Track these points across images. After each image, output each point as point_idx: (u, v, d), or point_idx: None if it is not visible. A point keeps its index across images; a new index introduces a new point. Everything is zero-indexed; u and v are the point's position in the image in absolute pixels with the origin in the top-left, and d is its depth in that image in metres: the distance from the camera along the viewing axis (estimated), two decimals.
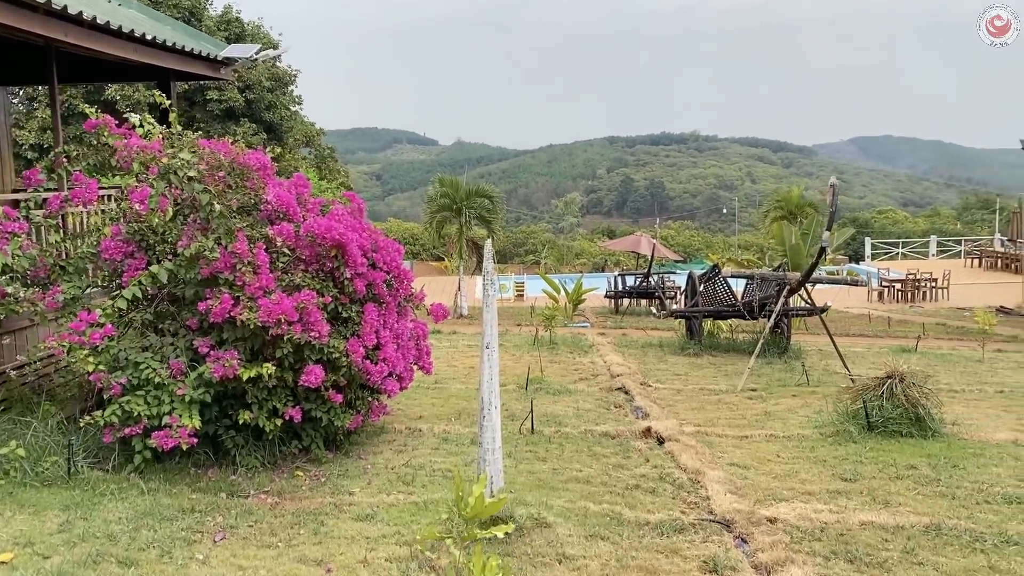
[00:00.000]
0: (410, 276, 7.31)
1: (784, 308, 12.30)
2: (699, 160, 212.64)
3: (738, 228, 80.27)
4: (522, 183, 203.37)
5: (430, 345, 8.19)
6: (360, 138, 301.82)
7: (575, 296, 19.82)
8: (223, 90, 34.48)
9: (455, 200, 20.38)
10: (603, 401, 9.61)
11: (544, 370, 11.59)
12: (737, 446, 7.60)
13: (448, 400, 9.50)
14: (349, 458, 6.92)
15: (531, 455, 7.13)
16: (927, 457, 7.16)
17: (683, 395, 10.09)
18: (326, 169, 50.27)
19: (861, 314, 21.89)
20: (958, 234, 49.91)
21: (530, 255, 64.07)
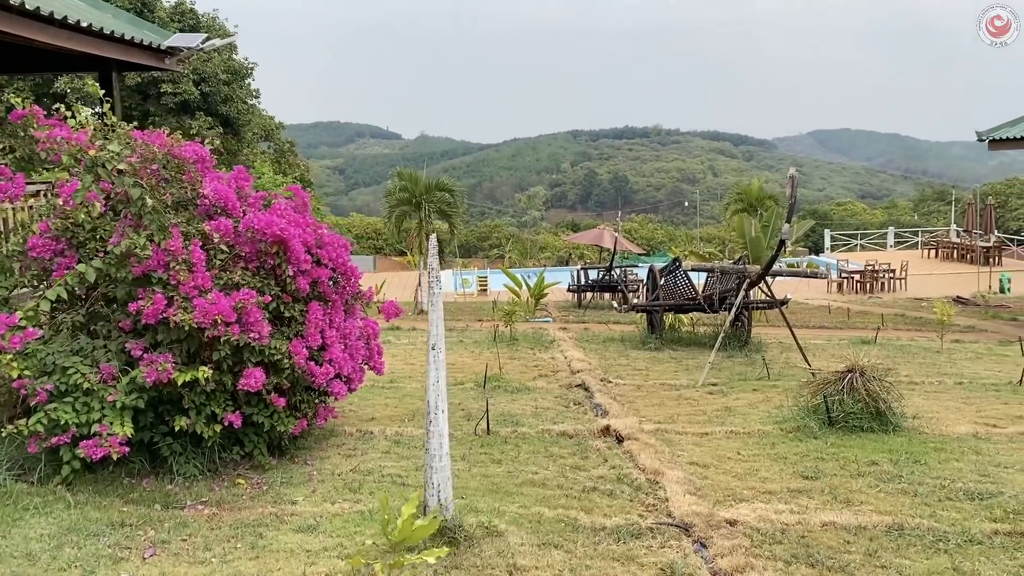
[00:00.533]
0: (358, 273, 7.01)
1: (744, 301, 12.20)
2: (662, 153, 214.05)
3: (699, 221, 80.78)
4: (486, 177, 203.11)
5: (382, 344, 7.91)
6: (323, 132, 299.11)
7: (537, 291, 19.61)
8: (178, 83, 33.71)
9: (414, 194, 20.05)
10: (562, 399, 9.39)
11: (503, 367, 11.35)
12: (697, 444, 7.42)
13: (403, 400, 9.22)
14: (295, 464, 6.62)
15: (486, 457, 6.89)
16: (888, 453, 7.05)
17: (643, 391, 9.91)
18: (285, 163, 49.57)
19: (821, 305, 21.98)
20: (915, 225, 50.62)
21: (494, 249, 63.86)
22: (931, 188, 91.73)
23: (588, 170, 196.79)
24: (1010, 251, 35.63)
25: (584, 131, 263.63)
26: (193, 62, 33.78)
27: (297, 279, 6.32)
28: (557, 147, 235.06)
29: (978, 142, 19.83)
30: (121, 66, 11.95)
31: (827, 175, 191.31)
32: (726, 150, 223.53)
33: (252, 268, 6.36)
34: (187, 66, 33.21)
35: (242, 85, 37.38)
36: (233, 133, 37.98)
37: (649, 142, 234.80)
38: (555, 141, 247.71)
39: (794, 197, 9.71)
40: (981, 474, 6.46)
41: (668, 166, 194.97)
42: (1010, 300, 24.29)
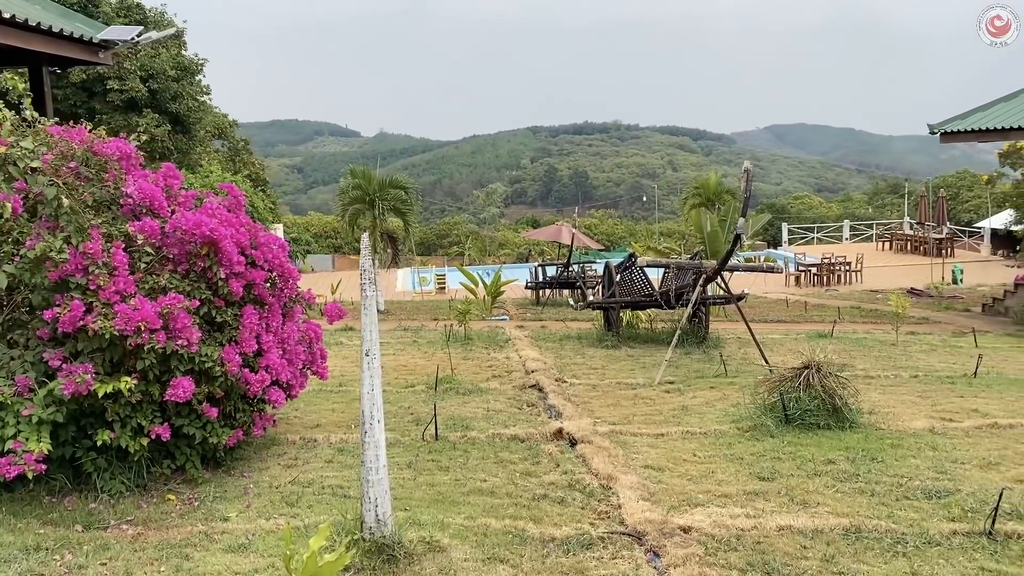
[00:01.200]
0: (296, 275, 6.69)
1: (701, 297, 12.07)
2: (621, 149, 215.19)
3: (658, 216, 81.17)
4: (446, 174, 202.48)
5: (325, 348, 7.59)
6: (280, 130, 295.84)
7: (493, 288, 19.35)
8: (124, 79, 32.82)
9: (368, 192, 19.66)
10: (515, 400, 9.15)
11: (456, 368, 11.08)
12: (652, 445, 7.22)
13: (350, 405, 8.89)
14: (231, 476, 6.29)
15: (433, 464, 6.61)
16: (845, 450, 6.91)
17: (599, 391, 9.71)
18: (240, 162, 48.73)
19: (779, 299, 22.04)
20: (870, 218, 51.32)
21: (454, 247, 63.47)
22: (884, 181, 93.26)
23: (548, 166, 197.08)
24: (962, 242, 36.21)
25: (544, 127, 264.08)
26: (140, 58, 32.95)
27: (230, 282, 5.98)
28: (517, 143, 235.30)
29: (929, 135, 19.98)
30: (52, 60, 11.43)
31: (784, 169, 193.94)
32: (685, 145, 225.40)
33: (181, 271, 6.01)
34: (128, 61, 32.38)
35: (192, 82, 36.50)
36: (183, 131, 37.10)
37: (609, 137, 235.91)
38: (515, 137, 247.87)
39: (749, 191, 9.56)
40: (938, 471, 6.34)
41: (628, 161, 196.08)
42: (962, 291, 24.62)
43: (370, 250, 4.44)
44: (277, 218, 47.54)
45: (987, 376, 10.49)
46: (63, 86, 33.71)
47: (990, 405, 8.64)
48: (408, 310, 20.57)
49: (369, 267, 4.44)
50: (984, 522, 5.13)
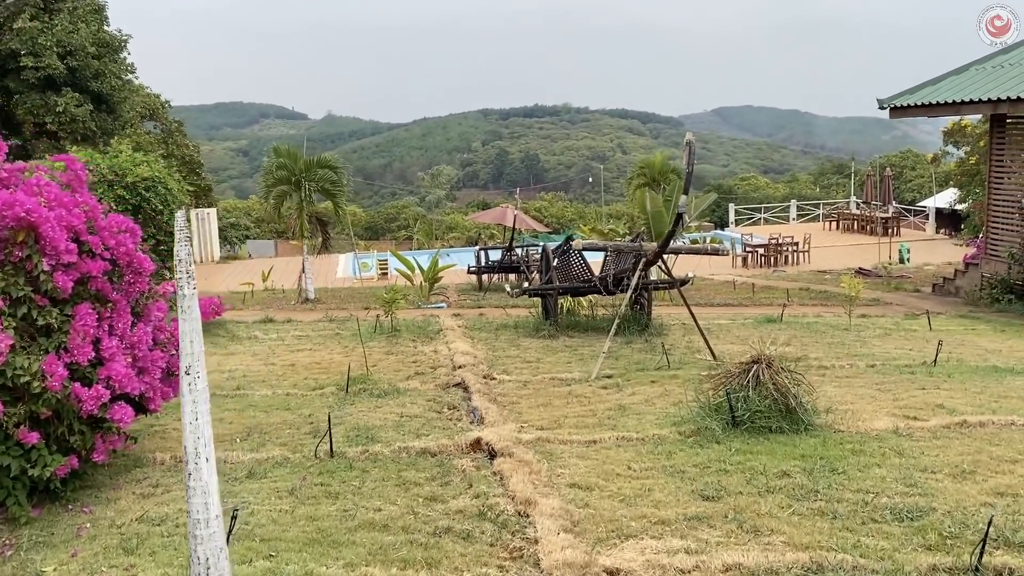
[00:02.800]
0: (148, 266, 5.54)
1: (644, 281, 11.17)
2: (572, 132, 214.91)
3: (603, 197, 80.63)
4: (397, 157, 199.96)
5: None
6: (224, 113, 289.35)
7: (430, 274, 18.28)
8: (39, 56, 30.78)
9: (293, 172, 18.37)
10: (435, 402, 8.13)
11: (376, 364, 10.03)
12: (582, 456, 6.27)
13: (243, 412, 7.79)
14: (67, 512, 5.16)
15: (320, 491, 5.56)
16: (801, 459, 6.04)
17: (530, 388, 8.74)
18: (173, 144, 46.67)
19: (726, 281, 21.37)
20: (816, 198, 51.21)
21: (402, 231, 62.10)
22: (830, 162, 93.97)
23: (499, 149, 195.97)
24: (907, 222, 36.07)
25: (494, 110, 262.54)
26: (56, 33, 30.94)
27: (55, 275, 4.84)
28: (468, 126, 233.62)
29: (877, 112, 19.38)
30: None
31: (731, 151, 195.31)
32: (634, 128, 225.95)
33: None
34: (43, 36, 30.39)
35: (115, 59, 34.52)
36: (108, 110, 35.13)
37: (559, 120, 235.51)
38: (465, 120, 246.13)
39: (691, 165, 8.65)
40: (907, 483, 5.49)
41: (578, 144, 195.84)
42: (909, 270, 24.26)
43: (185, 233, 3.39)
44: (210, 202, 45.72)
45: (947, 364, 9.78)
46: None
47: (955, 399, 7.87)
48: (341, 298, 19.40)
49: (186, 255, 3.37)
50: (970, 555, 4.26)
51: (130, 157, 17.84)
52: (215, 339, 12.38)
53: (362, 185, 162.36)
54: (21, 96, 32.28)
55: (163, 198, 17.87)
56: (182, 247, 3.33)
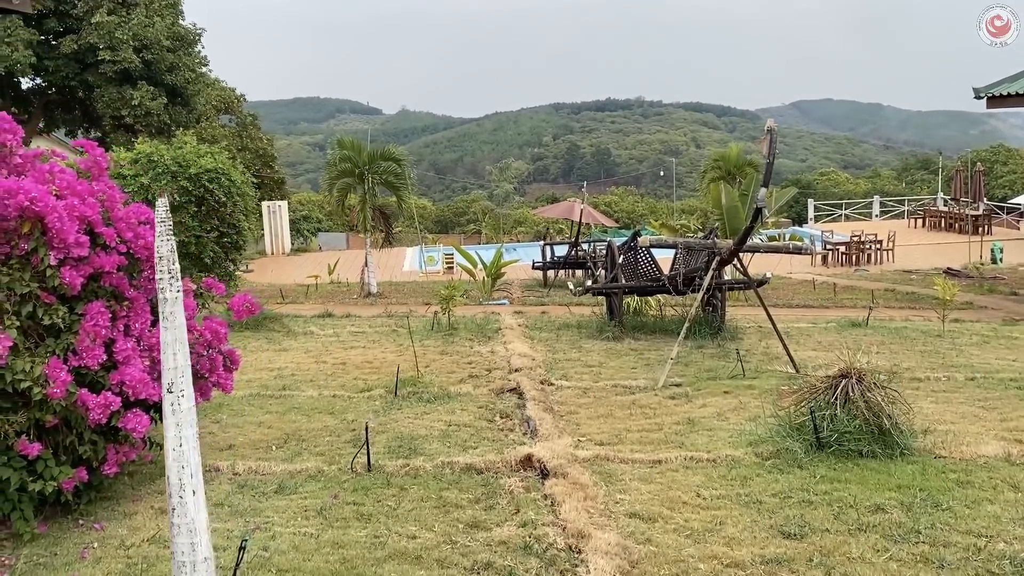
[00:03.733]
0: None
1: (717, 281, 10.39)
2: (644, 126, 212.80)
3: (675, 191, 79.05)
4: (468, 152, 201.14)
5: (235, 350, 6.02)
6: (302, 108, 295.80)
7: (492, 269, 17.73)
8: (116, 50, 31.32)
9: (357, 164, 18.05)
10: (487, 410, 7.55)
11: (429, 365, 9.52)
12: (645, 479, 5.61)
13: (285, 415, 7.35)
14: (78, 528, 4.75)
15: (352, 510, 5.03)
16: (898, 491, 5.26)
17: (590, 396, 8.09)
18: (247, 137, 47.33)
19: (804, 280, 20.27)
20: (900, 194, 48.99)
21: (471, 224, 61.96)
22: (914, 157, 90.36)
23: (570, 143, 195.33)
24: (1000, 219, 34.04)
25: (566, 104, 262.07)
26: (132, 27, 31.43)
27: (61, 270, 4.42)
28: (539, 120, 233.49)
29: (964, 105, 18.04)
30: None
31: (810, 145, 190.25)
32: (709, 121, 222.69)
33: (0, 255, 4.45)
34: (120, 30, 30.89)
35: (190, 53, 34.96)
36: (183, 103, 35.64)
37: (631, 114, 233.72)
38: (537, 114, 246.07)
39: (772, 156, 7.86)
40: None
41: (651, 138, 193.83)
42: (1003, 271, 22.68)
43: (167, 226, 2.87)
44: (283, 194, 46.19)
45: None
46: (54, 57, 32.37)
47: None
48: (403, 292, 19.04)
49: (168, 252, 2.85)
50: None
51: (194, 149, 17.77)
52: (270, 334, 12.09)
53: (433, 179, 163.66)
54: (99, 90, 32.92)
55: (226, 190, 17.76)
56: (163, 242, 2.81)
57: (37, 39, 31.06)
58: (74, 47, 31.60)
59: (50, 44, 32.59)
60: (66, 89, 34.44)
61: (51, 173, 4.67)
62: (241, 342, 11.40)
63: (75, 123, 37.36)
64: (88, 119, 36.29)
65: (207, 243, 17.61)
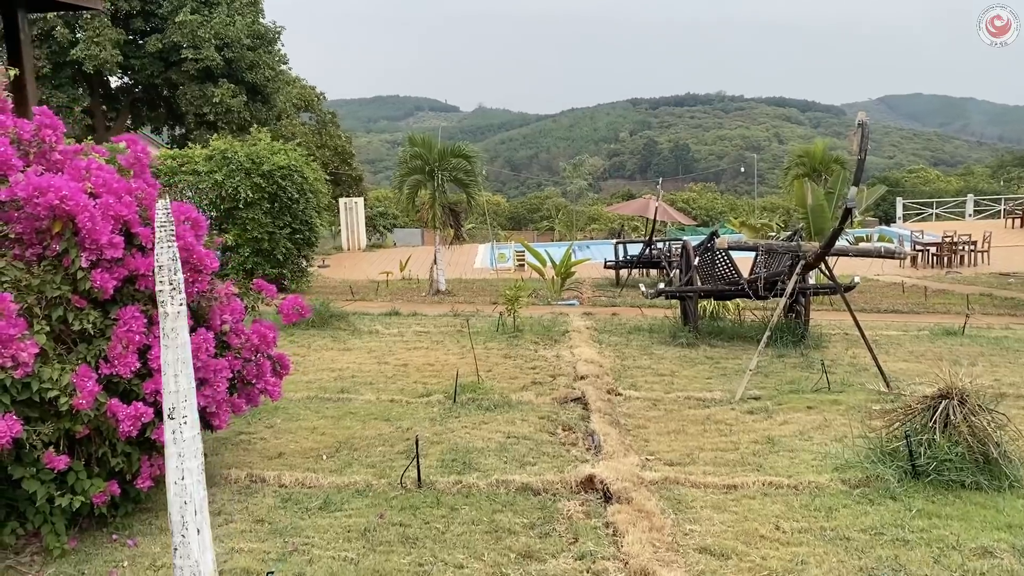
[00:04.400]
0: (210, 263, 4.81)
1: (800, 286, 9.73)
2: (725, 121, 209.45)
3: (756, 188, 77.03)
4: (543, 148, 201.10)
5: (284, 355, 5.76)
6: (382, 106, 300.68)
7: (562, 268, 17.28)
8: (199, 48, 32.00)
9: (428, 161, 17.84)
10: (549, 421, 7.13)
11: (491, 370, 9.16)
12: (719, 506, 5.11)
13: (340, 421, 7.08)
14: (110, 543, 4.52)
15: (398, 533, 4.69)
16: (1008, 530, 4.64)
17: (661, 408, 7.59)
18: (326, 134, 47.97)
19: (892, 283, 19.22)
20: (996, 193, 46.51)
21: (544, 221, 61.55)
22: (1010, 153, 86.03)
23: (648, 139, 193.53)
24: None
25: (644, 99, 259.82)
26: (214, 25, 32.04)
27: (93, 273, 4.19)
28: (616, 116, 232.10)
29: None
30: (31, 3, 9.92)
31: (898, 142, 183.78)
32: (792, 116, 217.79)
33: (32, 256, 4.25)
34: (202, 28, 31.47)
35: (269, 51, 35.51)
36: (262, 101, 36.23)
37: (712, 109, 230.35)
38: (613, 110, 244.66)
39: (864, 151, 7.20)
40: None
41: (731, 134, 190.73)
42: None
43: (168, 231, 2.54)
44: (360, 191, 46.63)
45: None
46: (140, 56, 33.28)
47: None
48: (472, 291, 18.78)
49: (168, 262, 2.54)
50: None
51: (268, 146, 17.87)
52: (336, 333, 11.92)
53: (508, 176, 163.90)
54: (183, 88, 33.69)
55: (299, 187, 17.81)
56: (164, 249, 2.49)
57: (124, 39, 31.99)
58: (159, 46, 32.42)
59: (136, 43, 33.54)
60: (151, 87, 35.42)
61: (87, 170, 4.45)
62: (306, 340, 11.26)
63: (160, 120, 38.41)
64: (172, 116, 37.23)
65: (280, 239, 17.70)
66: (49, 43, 30.28)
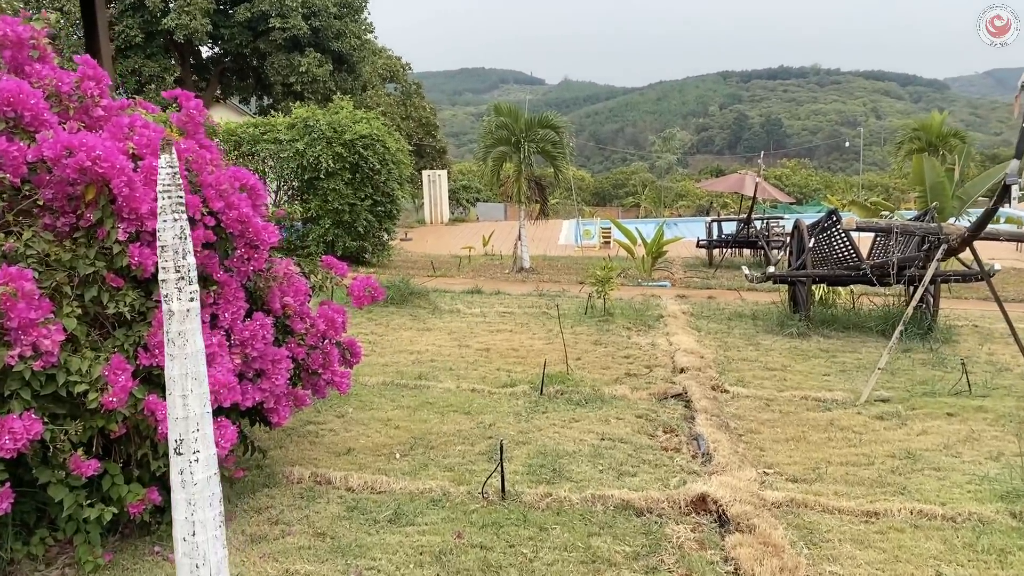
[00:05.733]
0: (269, 236, 4.16)
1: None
2: (820, 95, 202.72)
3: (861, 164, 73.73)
4: (629, 122, 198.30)
5: (355, 341, 5.12)
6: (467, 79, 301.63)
7: (654, 248, 16.33)
8: (286, 17, 31.91)
9: (514, 132, 17.07)
10: (647, 420, 6.34)
11: (580, 358, 8.39)
12: (860, 540, 4.25)
13: (416, 412, 6.44)
14: (150, 556, 3.94)
15: (478, 558, 3.99)
16: None
17: (775, 410, 6.69)
18: (411, 106, 47.74)
19: (1015, 267, 17.58)
20: None
21: (629, 197, 60.17)
22: None
23: (738, 113, 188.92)
24: None
25: (735, 72, 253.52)
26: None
27: (131, 247, 3.58)
28: (705, 89, 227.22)
29: None
30: None
31: (1005, 117, 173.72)
32: (891, 91, 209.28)
33: (64, 227, 3.67)
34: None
35: (355, 19, 35.22)
36: (348, 70, 36.05)
37: (806, 83, 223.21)
38: (703, 83, 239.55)
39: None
40: None
41: (826, 108, 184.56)
42: None
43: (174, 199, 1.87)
44: (444, 164, 46.25)
45: None
46: (229, 25, 33.40)
47: None
48: (557, 268, 18.01)
49: (172, 241, 1.86)
50: None
51: (350, 114, 17.37)
52: (415, 311, 11.35)
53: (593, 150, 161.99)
54: (270, 57, 33.72)
55: (381, 157, 17.26)
56: (168, 222, 1.80)
57: (214, 8, 32.12)
58: (247, 15, 32.44)
59: (226, 13, 33.67)
60: (240, 57, 35.60)
61: (131, 128, 3.85)
62: (384, 318, 10.72)
63: (249, 91, 38.69)
64: (261, 87, 37.42)
65: (360, 211, 17.23)
66: (142, 12, 30.59)
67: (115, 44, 30.83)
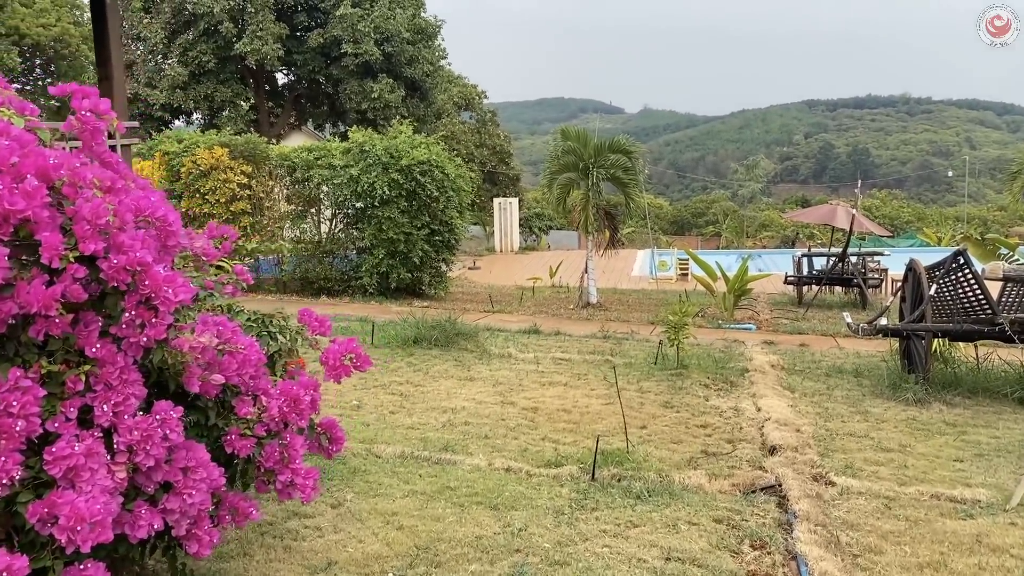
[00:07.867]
0: (182, 290, 2.87)
1: None
2: (910, 124, 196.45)
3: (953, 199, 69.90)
4: (710, 150, 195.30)
5: (335, 424, 3.83)
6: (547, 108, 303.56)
7: (736, 285, 14.69)
8: (359, 43, 31.42)
9: (582, 157, 15.75)
10: (729, 527, 4.84)
11: (646, 426, 6.94)
12: None
13: (429, 504, 5.09)
14: None
15: None
16: None
17: (898, 515, 5.11)
18: (486, 133, 47.18)
19: None
20: None
21: (710, 226, 58.14)
22: None
23: (824, 142, 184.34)
24: None
25: (820, 100, 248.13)
26: (374, 19, 31.34)
27: None
28: (789, 118, 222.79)
29: None
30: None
31: None
32: (987, 120, 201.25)
33: None
34: (362, 22, 30.86)
35: (429, 45, 34.56)
36: (421, 97, 35.39)
37: (895, 112, 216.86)
38: (787, 112, 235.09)
39: None
40: None
41: (917, 138, 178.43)
42: None
43: None
44: (516, 191, 45.29)
45: None
46: (302, 51, 33.13)
47: None
48: (627, 304, 16.52)
49: None
50: None
51: (408, 139, 16.33)
52: (461, 355, 10.07)
53: (672, 178, 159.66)
54: (343, 84, 33.30)
55: (439, 184, 16.12)
56: None
57: (286, 34, 31.89)
58: (320, 40, 32.11)
59: (298, 38, 33.44)
60: (313, 83, 35.33)
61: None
62: (425, 364, 9.47)
63: (323, 117, 38.42)
64: (335, 113, 37.09)
65: (417, 240, 16.10)
66: (215, 38, 30.52)
67: (188, 70, 30.85)
